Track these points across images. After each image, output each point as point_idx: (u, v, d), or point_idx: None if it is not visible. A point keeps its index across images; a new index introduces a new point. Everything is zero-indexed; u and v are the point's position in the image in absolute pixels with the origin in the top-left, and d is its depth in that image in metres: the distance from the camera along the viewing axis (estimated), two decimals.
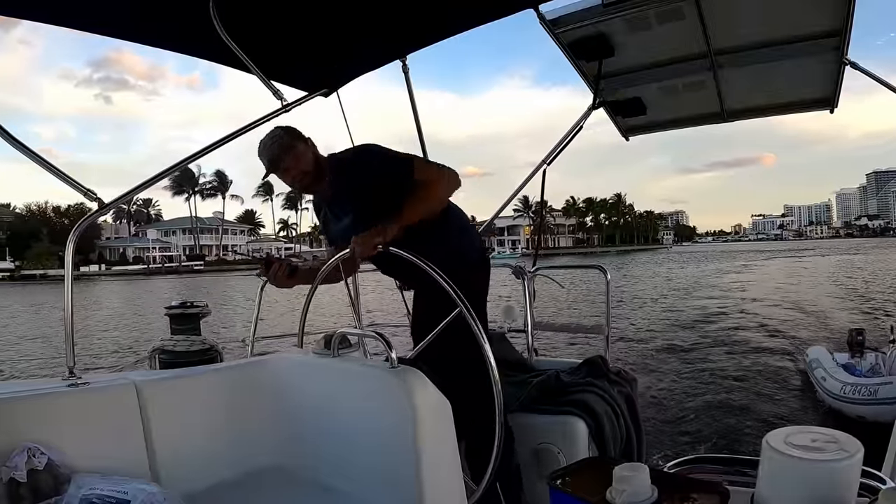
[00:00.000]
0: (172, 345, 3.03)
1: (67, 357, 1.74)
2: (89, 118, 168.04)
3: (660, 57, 2.99)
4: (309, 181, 2.06)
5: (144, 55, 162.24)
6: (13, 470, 1.32)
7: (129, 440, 1.60)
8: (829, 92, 3.09)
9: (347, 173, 2.04)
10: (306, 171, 2.03)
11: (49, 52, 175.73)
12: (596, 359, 2.57)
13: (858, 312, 15.76)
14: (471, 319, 1.67)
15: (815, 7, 2.50)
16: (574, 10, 2.67)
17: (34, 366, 12.30)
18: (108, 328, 18.60)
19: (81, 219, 2.06)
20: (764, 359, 10.16)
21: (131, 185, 2.14)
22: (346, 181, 2.04)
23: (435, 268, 1.71)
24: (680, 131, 3.81)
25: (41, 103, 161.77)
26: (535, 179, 3.27)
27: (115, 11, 2.07)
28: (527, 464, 2.12)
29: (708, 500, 1.37)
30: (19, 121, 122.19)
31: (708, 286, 26.71)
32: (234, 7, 2.08)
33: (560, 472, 1.56)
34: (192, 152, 2.32)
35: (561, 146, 3.25)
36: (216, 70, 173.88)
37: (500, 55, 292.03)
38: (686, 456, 2.29)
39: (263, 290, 2.93)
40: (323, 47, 2.47)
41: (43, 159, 1.82)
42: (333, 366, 1.75)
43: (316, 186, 2.10)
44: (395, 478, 1.51)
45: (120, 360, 12.54)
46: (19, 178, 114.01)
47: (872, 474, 1.58)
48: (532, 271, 3.08)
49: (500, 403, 1.65)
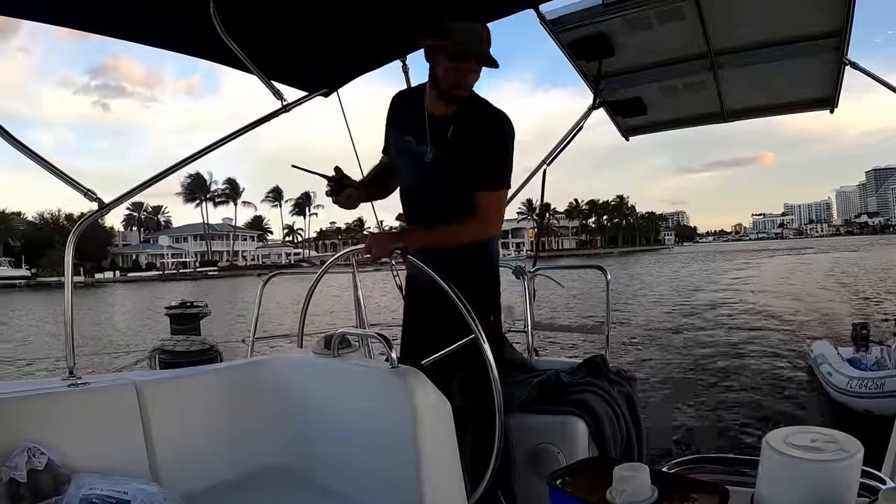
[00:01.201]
0: (172, 345, 3.05)
1: (67, 357, 1.74)
2: (88, 125, 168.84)
3: (660, 57, 2.99)
4: (463, 90, 1.91)
5: (141, 61, 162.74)
6: (13, 470, 1.32)
7: (129, 440, 1.60)
8: (830, 92, 3.09)
9: (476, 118, 1.93)
10: (471, 82, 1.91)
11: (47, 59, 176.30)
12: (596, 359, 2.56)
13: (850, 298, 16.22)
14: (470, 319, 1.66)
15: (815, 7, 2.50)
16: (574, 10, 2.67)
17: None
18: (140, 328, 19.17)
19: (81, 219, 2.07)
20: (770, 355, 10.22)
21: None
22: (470, 122, 1.93)
23: (451, 285, 1.68)
24: (679, 131, 3.82)
25: (40, 110, 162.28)
26: (536, 180, 3.27)
27: (115, 11, 2.07)
28: (527, 464, 2.12)
29: (708, 500, 1.37)
30: (18, 126, 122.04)
31: (712, 282, 28.40)
32: (234, 7, 2.08)
33: (560, 472, 1.56)
34: (192, 152, 2.32)
35: (561, 146, 3.25)
36: (215, 73, 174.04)
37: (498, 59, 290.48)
38: (686, 456, 2.29)
39: (263, 291, 2.94)
40: (323, 47, 2.47)
41: (43, 159, 1.82)
42: (333, 366, 1.75)
43: (459, 94, 1.91)
44: (394, 478, 1.51)
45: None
46: (21, 186, 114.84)
47: (872, 474, 1.58)
48: (532, 271, 3.08)
49: (499, 403, 1.65)
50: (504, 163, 1.94)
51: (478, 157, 1.89)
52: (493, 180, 1.92)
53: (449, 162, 1.94)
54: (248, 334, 2.57)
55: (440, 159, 1.95)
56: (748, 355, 10.31)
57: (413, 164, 2.03)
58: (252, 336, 2.69)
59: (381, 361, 1.68)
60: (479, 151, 1.90)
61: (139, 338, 16.17)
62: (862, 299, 17.84)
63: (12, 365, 13.15)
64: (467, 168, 1.91)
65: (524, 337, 2.92)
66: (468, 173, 1.91)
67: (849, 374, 6.67)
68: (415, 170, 2.04)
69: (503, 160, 1.94)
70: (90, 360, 11.82)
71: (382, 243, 1.83)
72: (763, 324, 13.93)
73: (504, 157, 1.94)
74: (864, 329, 7.67)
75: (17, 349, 16.01)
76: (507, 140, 1.95)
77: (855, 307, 15.96)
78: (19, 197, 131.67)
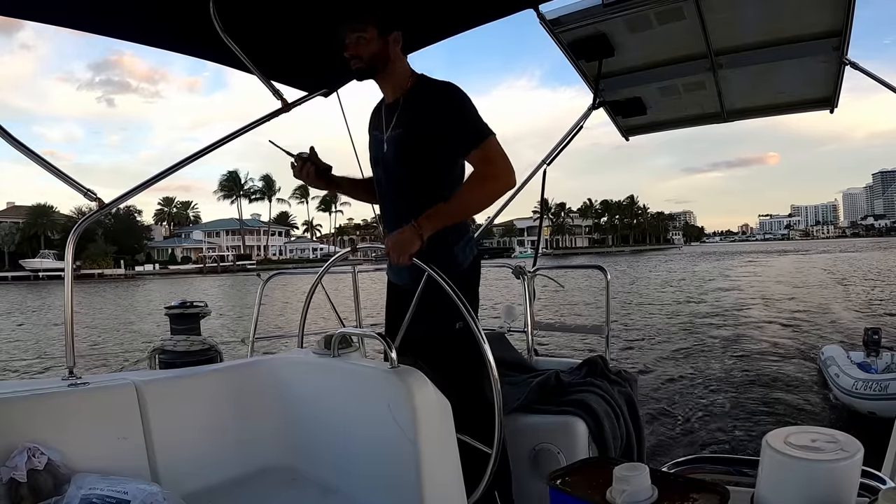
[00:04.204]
0: (172, 345, 3.04)
1: (67, 357, 1.73)
2: (92, 121, 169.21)
3: (660, 57, 2.99)
4: (359, 61, 1.94)
5: (144, 57, 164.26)
6: (13, 470, 1.32)
7: (129, 440, 1.60)
8: (829, 92, 3.09)
9: (422, 94, 1.93)
10: (359, 55, 1.93)
11: (51, 55, 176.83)
12: (596, 359, 2.57)
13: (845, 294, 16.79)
14: (473, 325, 1.67)
15: (815, 7, 2.50)
16: (574, 10, 2.67)
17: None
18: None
19: (82, 219, 2.07)
20: (782, 352, 10.30)
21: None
22: (416, 101, 1.93)
23: (440, 272, 1.70)
24: (683, 130, 3.82)
25: (45, 106, 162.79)
26: (536, 179, 3.28)
27: (115, 12, 2.07)
28: (527, 464, 2.12)
29: (708, 500, 1.37)
30: (26, 122, 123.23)
31: (725, 277, 30.74)
32: (234, 7, 2.08)
33: (560, 472, 1.56)
34: (194, 151, 2.32)
35: (561, 146, 3.26)
36: (223, 68, 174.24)
37: (507, 55, 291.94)
38: (686, 456, 2.29)
39: (263, 291, 2.93)
40: (323, 47, 2.47)
41: (43, 159, 1.82)
42: (333, 366, 1.75)
43: (366, 77, 1.98)
44: (395, 478, 1.51)
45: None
46: (26, 180, 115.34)
47: (872, 474, 1.58)
48: (532, 271, 3.08)
49: (499, 403, 1.65)
50: (473, 113, 1.89)
51: (443, 126, 1.86)
52: (477, 132, 1.86)
53: (401, 141, 1.94)
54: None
55: (393, 139, 1.96)
56: (766, 356, 10.33)
57: (376, 154, 2.05)
58: (252, 336, 2.69)
59: (381, 361, 1.68)
60: (441, 120, 1.87)
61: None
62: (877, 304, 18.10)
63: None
64: (429, 143, 1.89)
65: (524, 337, 2.92)
66: (432, 148, 1.90)
67: (855, 376, 6.69)
68: (378, 159, 2.05)
69: (470, 111, 1.89)
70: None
71: (404, 246, 1.75)
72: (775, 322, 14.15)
73: (470, 109, 1.89)
74: (875, 334, 7.64)
75: (102, 335, 16.92)
76: (462, 96, 1.91)
77: (868, 311, 16.08)
78: (26, 190, 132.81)
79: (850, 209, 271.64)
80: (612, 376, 2.46)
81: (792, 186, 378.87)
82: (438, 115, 1.87)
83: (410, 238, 1.75)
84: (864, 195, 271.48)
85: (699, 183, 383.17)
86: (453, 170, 1.96)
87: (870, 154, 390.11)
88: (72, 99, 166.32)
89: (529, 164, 3.28)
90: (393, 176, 2.00)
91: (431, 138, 1.88)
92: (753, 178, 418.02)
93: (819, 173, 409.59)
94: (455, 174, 1.97)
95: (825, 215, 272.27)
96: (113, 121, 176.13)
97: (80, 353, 8.78)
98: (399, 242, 1.76)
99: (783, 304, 18.00)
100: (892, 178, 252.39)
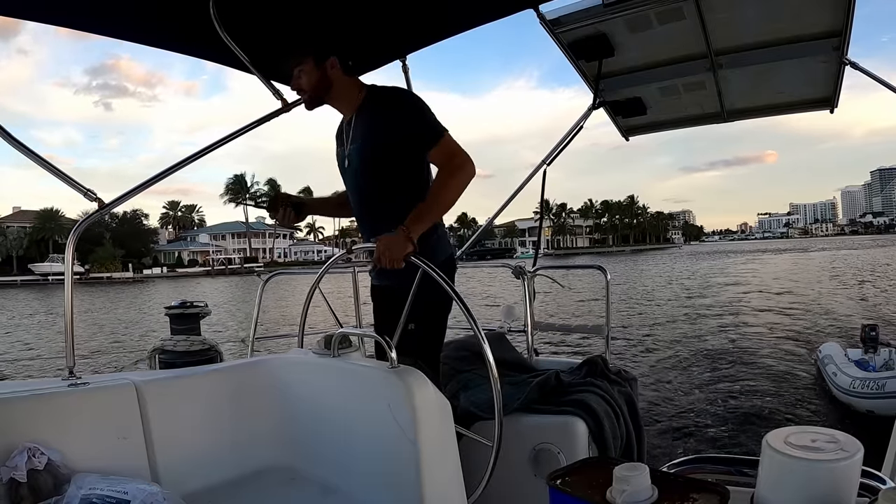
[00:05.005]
0: (172, 345, 3.04)
1: (67, 357, 1.73)
2: (90, 125, 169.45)
3: (660, 57, 2.99)
4: (304, 93, 2.06)
5: (141, 61, 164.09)
6: (13, 470, 1.32)
7: (129, 440, 1.60)
8: (829, 92, 3.09)
9: (373, 105, 2.02)
10: (301, 88, 2.05)
11: (49, 60, 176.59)
12: (596, 359, 2.56)
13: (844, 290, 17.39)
14: (470, 319, 1.67)
15: (815, 7, 2.50)
16: (574, 10, 2.67)
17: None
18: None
19: (82, 219, 2.07)
20: (782, 351, 10.32)
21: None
22: (368, 113, 2.02)
23: (432, 265, 1.71)
24: (681, 130, 3.82)
25: (43, 110, 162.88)
26: (536, 179, 3.28)
27: (115, 12, 2.07)
28: (527, 464, 2.12)
29: (708, 500, 1.36)
30: (25, 126, 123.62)
31: (726, 274, 31.92)
32: (234, 7, 2.08)
33: (560, 472, 1.56)
34: (192, 152, 2.32)
35: (561, 146, 3.26)
36: (217, 73, 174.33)
37: (506, 55, 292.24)
38: (686, 456, 2.29)
39: (263, 291, 2.93)
40: None
41: (43, 160, 1.82)
42: (333, 366, 1.75)
43: (316, 105, 2.10)
44: (395, 478, 1.51)
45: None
46: (28, 185, 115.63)
47: (872, 474, 1.58)
48: (532, 271, 3.08)
49: (499, 403, 1.65)
50: (427, 113, 1.97)
51: (400, 130, 1.94)
52: (433, 131, 1.94)
53: (361, 152, 2.02)
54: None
55: (354, 152, 2.04)
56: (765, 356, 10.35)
57: (342, 169, 2.14)
58: (252, 336, 2.69)
59: (381, 361, 1.68)
60: (396, 125, 1.95)
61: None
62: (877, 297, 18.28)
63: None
64: (388, 150, 1.96)
65: (524, 337, 2.92)
66: (391, 154, 1.97)
67: (853, 375, 6.68)
68: (345, 172, 2.13)
69: (424, 112, 1.97)
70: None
71: (396, 248, 1.76)
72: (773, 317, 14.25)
73: (423, 109, 1.97)
74: (872, 331, 7.63)
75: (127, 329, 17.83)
76: (413, 98, 2.02)
77: (867, 307, 16.16)
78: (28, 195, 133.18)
79: (848, 207, 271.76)
80: (613, 376, 2.46)
81: (790, 185, 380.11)
82: (393, 121, 1.96)
83: (402, 242, 1.77)
84: (862, 193, 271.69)
85: (698, 182, 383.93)
86: (416, 171, 2.02)
87: (868, 152, 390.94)
88: (70, 103, 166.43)
89: (529, 165, 3.29)
90: (360, 187, 2.09)
91: (390, 145, 1.96)
92: (752, 176, 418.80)
93: (818, 171, 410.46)
94: (420, 175, 2.03)
95: (824, 213, 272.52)
96: (111, 125, 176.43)
97: (102, 352, 9.12)
98: (391, 247, 1.77)
99: (781, 301, 18.17)
100: (890, 175, 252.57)
